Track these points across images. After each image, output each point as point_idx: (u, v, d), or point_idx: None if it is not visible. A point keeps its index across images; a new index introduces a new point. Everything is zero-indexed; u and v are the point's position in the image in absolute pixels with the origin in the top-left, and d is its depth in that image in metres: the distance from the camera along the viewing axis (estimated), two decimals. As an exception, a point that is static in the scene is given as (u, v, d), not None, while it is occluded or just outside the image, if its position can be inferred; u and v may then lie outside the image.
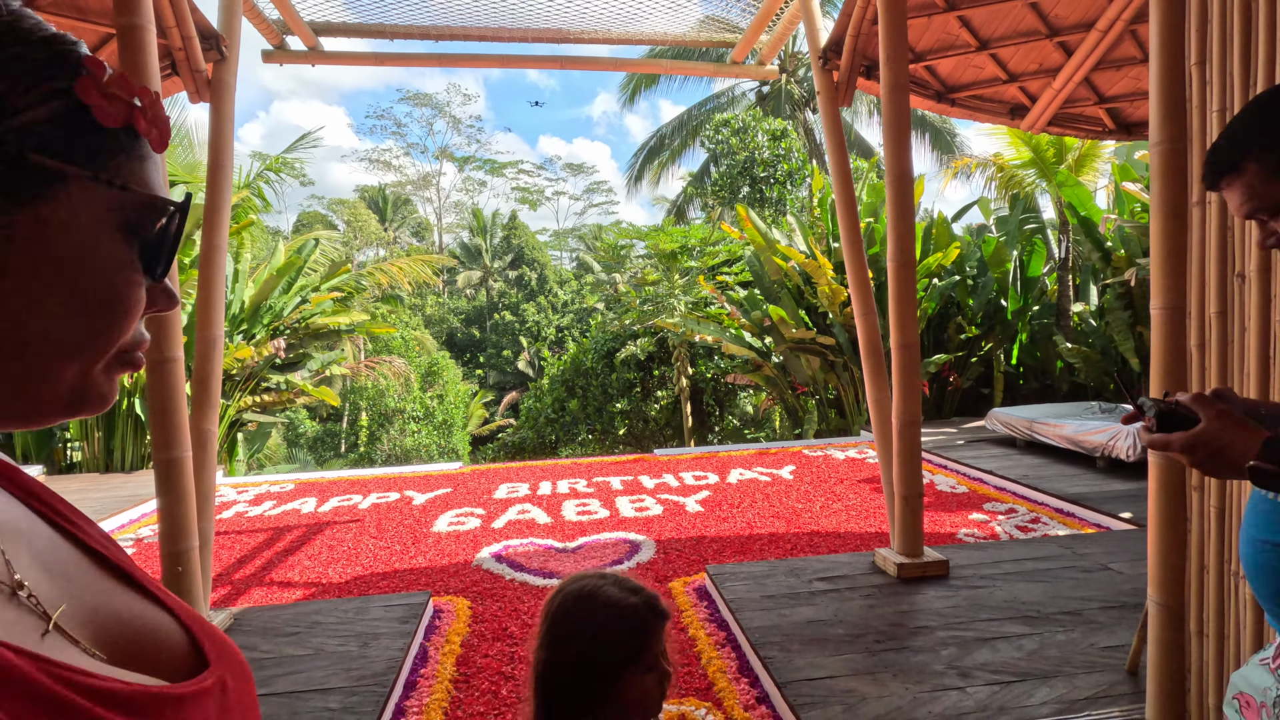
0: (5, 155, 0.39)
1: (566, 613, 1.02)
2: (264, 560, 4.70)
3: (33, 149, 0.40)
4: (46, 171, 0.40)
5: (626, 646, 0.99)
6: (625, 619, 0.99)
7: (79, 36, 2.05)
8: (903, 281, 3.65)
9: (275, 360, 8.01)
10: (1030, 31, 4.30)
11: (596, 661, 0.98)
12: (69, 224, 0.41)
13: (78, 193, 0.42)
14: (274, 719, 2.57)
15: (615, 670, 0.98)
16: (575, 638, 1.00)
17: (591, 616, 1.00)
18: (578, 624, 1.00)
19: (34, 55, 0.41)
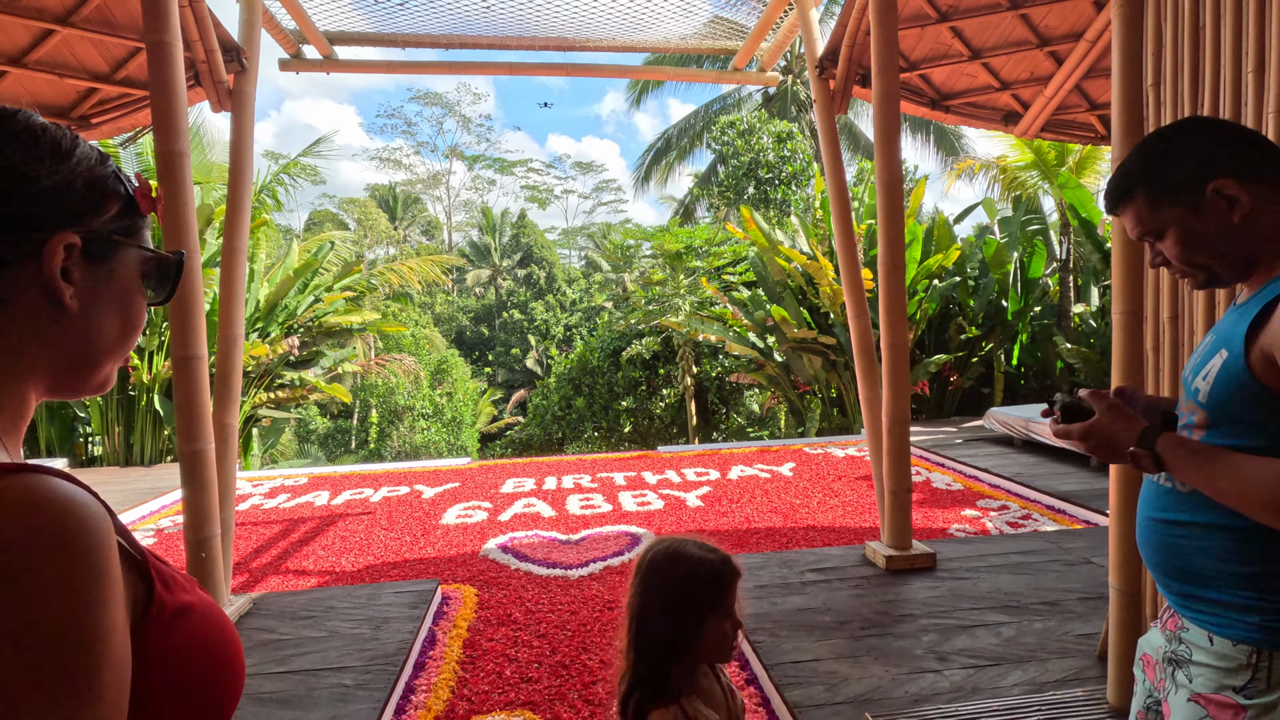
0: (101, 237, 0.63)
1: (656, 567, 1.17)
2: (280, 550, 4.90)
3: (111, 233, 0.64)
4: (117, 244, 0.64)
5: (707, 595, 1.14)
6: (705, 572, 1.15)
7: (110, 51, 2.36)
8: (892, 284, 3.78)
9: (289, 358, 8.23)
10: (1021, 41, 4.43)
11: (683, 608, 1.13)
12: (122, 274, 0.65)
13: (127, 254, 0.66)
14: (292, 695, 2.75)
15: (699, 616, 1.13)
16: (664, 588, 1.15)
17: (676, 570, 1.16)
18: (665, 577, 1.16)
19: (107, 175, 0.64)
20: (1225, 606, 0.97)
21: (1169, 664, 1.07)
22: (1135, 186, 1.05)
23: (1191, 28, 1.97)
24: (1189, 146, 1.02)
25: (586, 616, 3.56)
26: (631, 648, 1.16)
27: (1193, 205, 1.01)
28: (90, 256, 0.62)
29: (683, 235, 11.72)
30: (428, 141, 41.88)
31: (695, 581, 1.14)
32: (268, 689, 2.79)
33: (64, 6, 3.66)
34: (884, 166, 3.75)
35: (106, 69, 4.06)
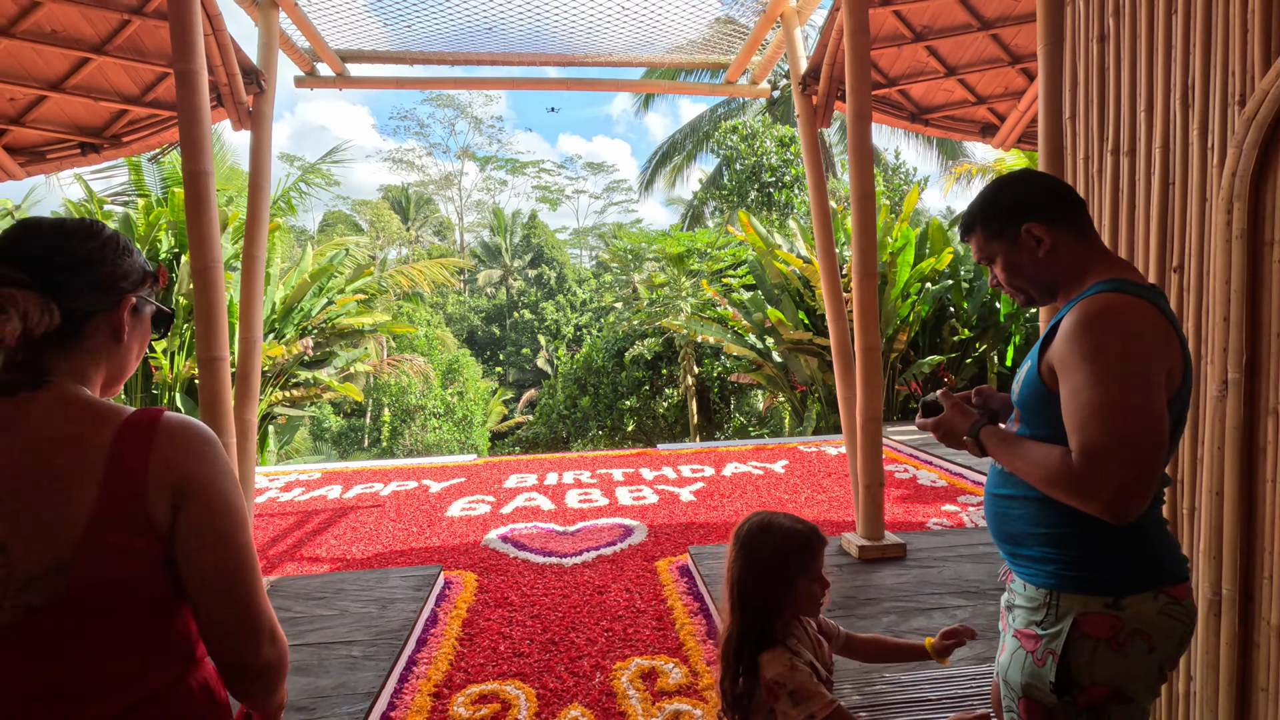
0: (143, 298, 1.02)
1: (754, 536, 1.36)
2: (295, 539, 5.22)
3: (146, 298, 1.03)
4: (148, 303, 1.04)
5: (798, 560, 1.33)
6: (796, 539, 1.34)
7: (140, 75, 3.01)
8: (865, 291, 4.03)
9: (304, 358, 8.57)
10: (994, 59, 4.65)
11: (777, 573, 1.32)
12: (146, 321, 1.04)
13: (148, 308, 1.04)
14: (306, 664, 3.05)
15: (791, 577, 1.32)
16: (760, 555, 1.34)
17: (771, 538, 1.34)
18: (761, 544, 1.35)
19: (145, 262, 1.03)
20: (1032, 560, 1.23)
21: (1007, 610, 1.33)
22: (975, 223, 1.31)
23: (1099, 69, 2.21)
24: (1013, 195, 1.28)
25: (577, 599, 3.84)
26: (735, 609, 1.35)
27: (1013, 241, 1.27)
28: (135, 311, 1.00)
29: (684, 239, 11.97)
30: (440, 143, 42.33)
31: (787, 550, 1.33)
32: (284, 659, 3.09)
33: (99, 36, 3.99)
34: (857, 181, 4.00)
35: (137, 92, 4.38)
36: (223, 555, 0.87)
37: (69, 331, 0.90)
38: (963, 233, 1.35)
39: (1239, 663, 1.84)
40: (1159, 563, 1.17)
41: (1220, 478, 1.84)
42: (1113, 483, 1.03)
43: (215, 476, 0.88)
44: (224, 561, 0.87)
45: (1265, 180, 1.73)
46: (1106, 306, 1.11)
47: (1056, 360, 1.14)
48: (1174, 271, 1.99)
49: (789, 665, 1.27)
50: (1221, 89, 1.82)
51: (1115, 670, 1.13)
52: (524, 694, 2.89)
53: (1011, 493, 1.26)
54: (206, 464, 0.88)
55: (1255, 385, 1.78)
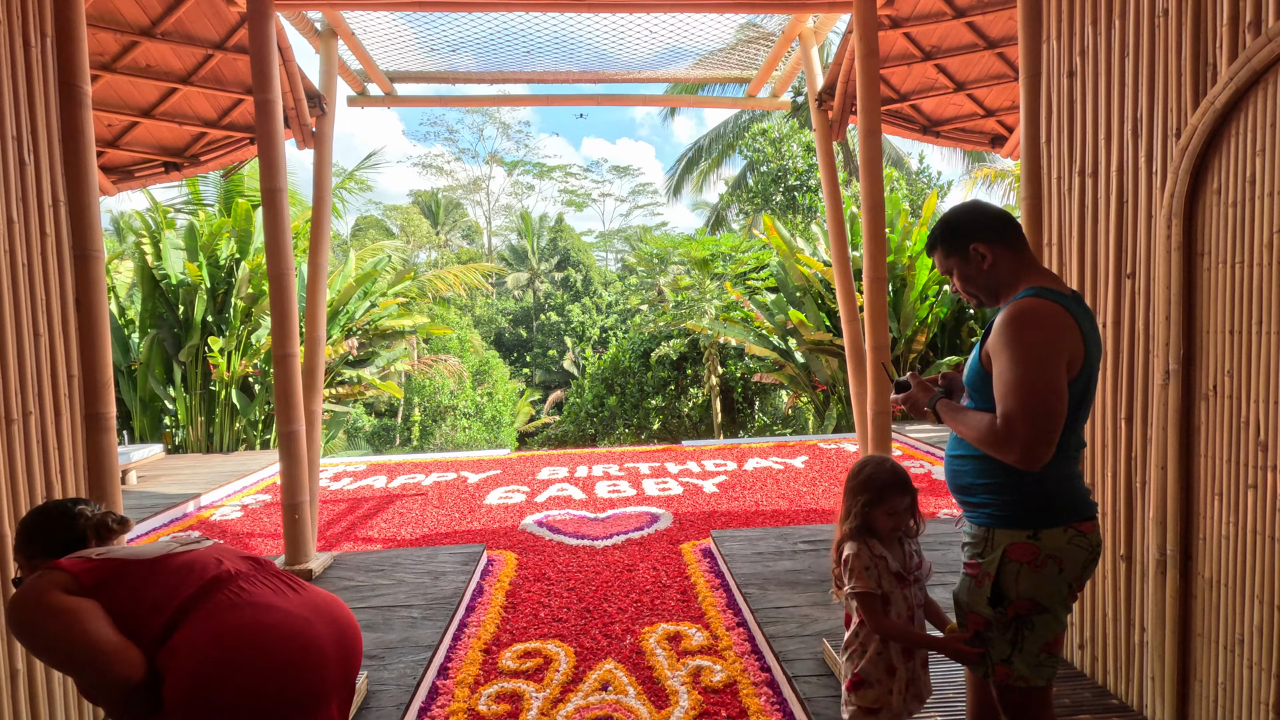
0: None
1: (854, 468, 1.84)
2: (349, 522, 5.68)
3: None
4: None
5: (873, 493, 1.75)
6: (877, 477, 1.77)
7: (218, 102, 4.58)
8: (875, 294, 4.35)
9: (348, 358, 9.10)
10: (1000, 75, 4.93)
11: (856, 496, 1.78)
12: None
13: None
14: (373, 621, 3.47)
15: (868, 504, 1.76)
16: (854, 480, 1.81)
17: (861, 472, 1.81)
18: (855, 474, 1.82)
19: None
20: (976, 505, 1.57)
21: (961, 550, 1.67)
22: (936, 243, 1.66)
23: (1068, 101, 2.53)
24: (965, 220, 1.62)
25: (609, 576, 4.22)
26: (843, 520, 1.82)
27: (964, 257, 1.62)
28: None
29: (709, 243, 12.31)
30: (468, 148, 43.11)
31: (869, 481, 1.78)
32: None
33: (186, 69, 4.48)
34: (868, 191, 4.32)
35: (215, 116, 4.88)
36: None
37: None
38: (927, 250, 1.69)
39: (1181, 613, 2.15)
40: (1069, 505, 1.50)
41: (1164, 454, 2.15)
42: (1022, 439, 1.38)
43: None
44: None
45: (1197, 200, 2.04)
46: (1026, 308, 1.46)
47: (990, 348, 1.49)
48: (1128, 278, 2.30)
49: (855, 552, 1.76)
50: (1163, 122, 2.13)
51: (1033, 586, 1.48)
52: (564, 651, 3.28)
53: (962, 453, 1.60)
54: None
55: (1192, 374, 2.09)
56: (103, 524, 1.46)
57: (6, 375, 2.20)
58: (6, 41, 2.25)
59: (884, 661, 1.77)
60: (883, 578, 1.73)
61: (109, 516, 1.48)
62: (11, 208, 2.25)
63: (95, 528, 1.45)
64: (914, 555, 1.84)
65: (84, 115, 2.53)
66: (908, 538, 1.84)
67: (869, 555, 1.75)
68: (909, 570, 1.81)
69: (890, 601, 1.74)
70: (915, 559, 1.84)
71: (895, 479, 1.77)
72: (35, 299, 2.33)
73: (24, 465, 2.26)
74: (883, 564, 1.75)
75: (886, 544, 1.80)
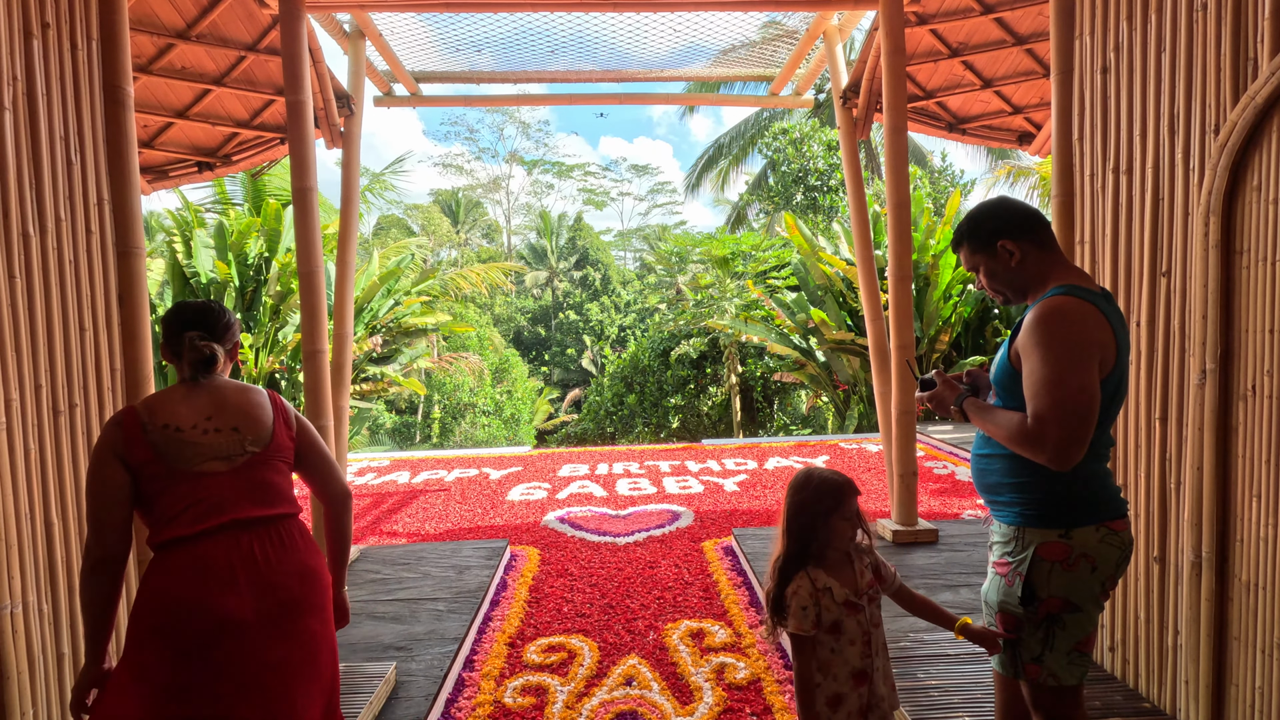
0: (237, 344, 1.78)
1: (799, 480, 1.73)
2: (374, 516, 5.76)
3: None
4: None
5: (831, 500, 1.66)
6: (829, 485, 1.69)
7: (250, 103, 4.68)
8: (900, 293, 4.32)
9: (372, 355, 9.22)
10: (1028, 71, 4.87)
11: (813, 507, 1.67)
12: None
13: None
14: (400, 614, 3.52)
15: (825, 515, 1.66)
16: (803, 492, 1.70)
17: (809, 482, 1.71)
18: (802, 486, 1.71)
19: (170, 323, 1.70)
20: (1005, 504, 1.56)
21: (989, 549, 1.66)
22: (962, 239, 1.65)
23: (1102, 98, 2.50)
24: (992, 216, 1.61)
25: (631, 573, 4.24)
26: (783, 536, 1.73)
27: (991, 253, 1.61)
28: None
29: (729, 241, 12.29)
30: (489, 147, 43.38)
31: (822, 491, 1.69)
32: (380, 611, 3.58)
33: (219, 70, 4.58)
34: (893, 189, 4.30)
35: (246, 117, 4.98)
36: (323, 448, 1.76)
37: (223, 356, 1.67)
38: (954, 246, 1.69)
39: (1216, 617, 2.12)
40: (1100, 504, 1.49)
41: (1200, 455, 2.12)
42: (1054, 438, 1.37)
43: (314, 431, 1.77)
44: (319, 447, 1.74)
45: (1236, 198, 2.01)
46: (1056, 307, 1.45)
47: (1020, 347, 1.48)
48: (1163, 276, 2.27)
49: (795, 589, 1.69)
50: (1200, 118, 2.10)
51: (1066, 585, 1.47)
52: (587, 646, 3.30)
53: (989, 452, 1.60)
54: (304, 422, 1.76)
55: (1229, 374, 2.06)
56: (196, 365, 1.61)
57: (54, 369, 2.27)
58: (55, 45, 2.32)
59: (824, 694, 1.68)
60: (824, 613, 1.66)
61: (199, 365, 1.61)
62: (59, 206, 2.32)
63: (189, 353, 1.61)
64: (865, 572, 1.73)
65: (127, 116, 2.59)
66: (859, 552, 1.75)
67: (810, 590, 1.67)
68: (860, 593, 1.71)
69: (842, 630, 1.67)
70: (867, 575, 1.74)
71: (847, 481, 1.71)
72: (81, 295, 2.40)
73: (70, 456, 2.33)
74: (827, 597, 1.67)
75: (833, 568, 1.70)
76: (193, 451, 1.50)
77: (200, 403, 1.56)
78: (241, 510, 1.50)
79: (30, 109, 2.21)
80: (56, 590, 2.24)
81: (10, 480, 2.05)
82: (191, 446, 1.50)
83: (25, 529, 2.10)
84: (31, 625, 2.11)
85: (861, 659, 1.67)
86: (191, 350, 1.59)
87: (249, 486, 1.53)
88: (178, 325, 1.64)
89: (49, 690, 2.19)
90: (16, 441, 2.09)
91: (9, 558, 2.02)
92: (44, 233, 2.25)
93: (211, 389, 1.60)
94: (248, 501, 1.51)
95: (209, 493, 1.48)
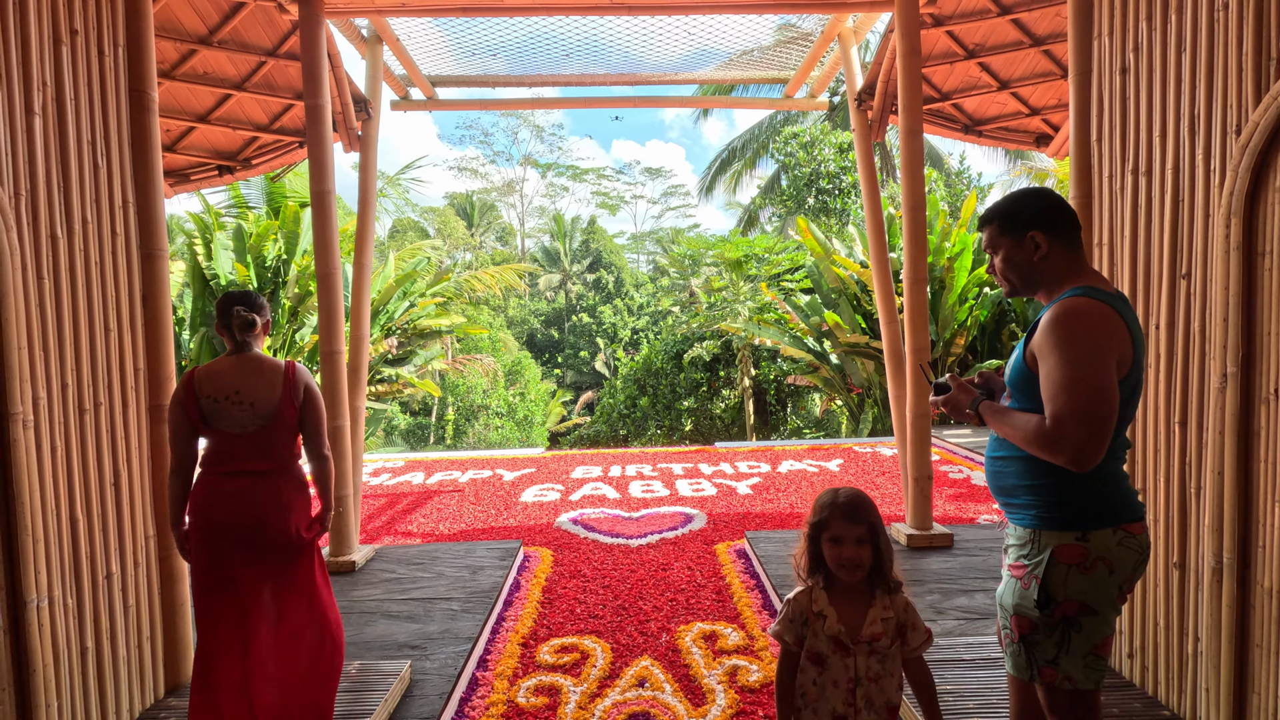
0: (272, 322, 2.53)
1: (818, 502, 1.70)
2: (389, 517, 5.81)
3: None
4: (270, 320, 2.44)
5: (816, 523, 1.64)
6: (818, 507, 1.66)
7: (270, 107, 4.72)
8: (915, 296, 4.30)
9: (388, 356, 9.29)
10: (1046, 73, 4.84)
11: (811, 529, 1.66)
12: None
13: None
14: (415, 613, 3.55)
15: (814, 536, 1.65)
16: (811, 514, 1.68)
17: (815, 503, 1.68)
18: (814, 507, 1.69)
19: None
20: (1020, 507, 1.55)
21: (1005, 552, 1.65)
22: (993, 218, 1.64)
23: (1121, 98, 2.48)
24: (1026, 205, 1.60)
25: (644, 574, 4.24)
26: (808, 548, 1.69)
27: (1018, 241, 1.60)
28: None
29: (743, 244, 12.26)
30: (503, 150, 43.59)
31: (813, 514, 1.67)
32: (395, 610, 3.61)
33: (240, 75, 4.65)
34: (909, 192, 4.28)
35: (266, 121, 5.05)
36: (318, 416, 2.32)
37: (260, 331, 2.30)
38: (981, 222, 1.68)
39: (1238, 623, 2.09)
40: (1117, 506, 1.48)
41: (1221, 459, 2.10)
42: (1074, 440, 1.36)
43: (315, 388, 2.28)
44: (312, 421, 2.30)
45: (1258, 199, 1.99)
46: (1074, 308, 1.44)
47: (1036, 348, 1.47)
48: (1183, 278, 2.25)
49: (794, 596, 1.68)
50: (1221, 119, 2.08)
51: (1083, 587, 1.45)
52: (600, 647, 3.31)
53: (1005, 454, 1.59)
54: (312, 382, 2.29)
55: (1251, 378, 2.03)
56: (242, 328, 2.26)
57: (80, 368, 2.31)
58: (83, 51, 2.38)
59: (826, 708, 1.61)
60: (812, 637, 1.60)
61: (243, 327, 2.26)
62: (86, 209, 2.37)
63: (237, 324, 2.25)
64: (878, 622, 1.60)
65: (151, 121, 2.65)
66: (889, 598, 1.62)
67: (804, 608, 1.63)
68: (856, 639, 1.59)
69: (825, 665, 1.59)
70: (878, 626, 1.59)
71: (847, 503, 1.62)
72: (106, 296, 2.45)
73: (94, 453, 2.37)
74: (819, 623, 1.60)
75: (841, 597, 1.62)
76: (222, 417, 2.19)
77: (233, 376, 2.21)
78: (248, 464, 2.20)
79: (59, 114, 2.26)
80: (81, 585, 2.28)
81: (37, 477, 2.10)
82: (223, 414, 2.19)
83: (51, 525, 2.15)
84: (57, 619, 2.16)
85: (844, 705, 1.59)
86: (237, 318, 2.24)
87: (255, 447, 2.21)
88: (228, 303, 2.26)
89: (73, 683, 2.23)
90: (44, 439, 2.13)
91: (35, 553, 2.07)
92: (71, 235, 2.30)
93: (245, 361, 2.24)
94: (252, 458, 2.21)
95: (230, 448, 2.20)
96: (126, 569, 2.50)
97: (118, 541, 2.46)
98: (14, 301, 2.01)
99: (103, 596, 2.37)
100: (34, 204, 2.15)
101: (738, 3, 4.42)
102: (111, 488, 2.44)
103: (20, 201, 2.10)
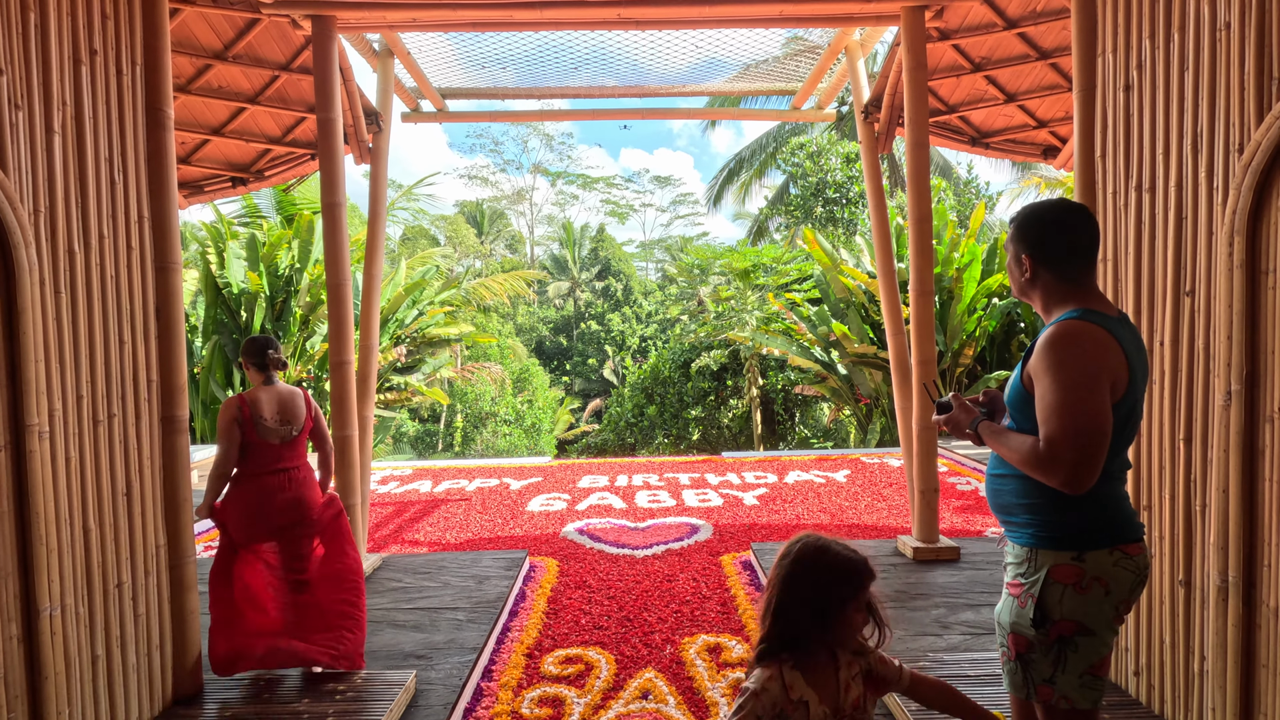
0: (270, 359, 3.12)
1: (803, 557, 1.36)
2: (396, 525, 5.84)
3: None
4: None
5: (849, 586, 1.34)
6: (848, 566, 1.35)
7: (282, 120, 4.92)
8: (922, 308, 4.30)
9: (397, 364, 9.36)
10: (1053, 85, 4.84)
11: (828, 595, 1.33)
12: None
13: None
14: (421, 623, 3.57)
15: (840, 603, 1.34)
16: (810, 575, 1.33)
17: (823, 560, 1.35)
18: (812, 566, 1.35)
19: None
20: (1019, 525, 1.56)
21: (1003, 570, 1.65)
22: (1010, 224, 1.66)
23: (1124, 115, 2.49)
24: (1030, 226, 1.60)
25: (649, 586, 4.25)
26: (767, 615, 1.37)
27: (1014, 256, 1.62)
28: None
29: (750, 254, 12.29)
30: (513, 159, 43.88)
31: (840, 574, 1.34)
32: (401, 619, 3.63)
33: (254, 89, 4.73)
34: (915, 204, 4.29)
35: (279, 133, 5.12)
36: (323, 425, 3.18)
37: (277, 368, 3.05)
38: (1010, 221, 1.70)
39: (1244, 642, 2.08)
40: (1114, 527, 1.48)
41: (1226, 477, 2.09)
42: (1067, 463, 1.37)
43: (318, 406, 3.16)
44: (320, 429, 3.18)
45: (1261, 218, 1.99)
46: (1068, 331, 1.45)
47: (1032, 370, 1.48)
48: (1186, 295, 2.25)
49: (760, 689, 1.36)
50: (1224, 137, 2.09)
51: (1078, 607, 1.46)
52: (604, 658, 3.32)
53: (1004, 472, 1.60)
54: (319, 409, 3.16)
55: (1255, 395, 2.03)
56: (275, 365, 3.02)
57: (95, 380, 2.36)
58: (102, 70, 2.44)
59: None
60: None
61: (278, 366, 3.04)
62: (103, 224, 2.42)
63: (271, 364, 3.00)
64: (852, 686, 1.39)
65: (167, 137, 2.70)
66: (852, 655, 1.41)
67: (777, 699, 1.33)
68: (841, 712, 1.38)
69: None
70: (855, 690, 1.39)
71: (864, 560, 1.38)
72: (121, 309, 2.50)
73: (108, 463, 2.41)
74: (800, 713, 1.34)
75: (814, 673, 1.36)
76: (269, 432, 2.94)
77: (273, 403, 2.98)
78: (285, 464, 2.99)
79: (78, 132, 2.31)
80: (93, 594, 2.32)
81: (51, 488, 2.14)
82: (270, 430, 2.94)
83: (65, 534, 2.19)
84: (69, 627, 2.19)
85: None
86: (274, 361, 3.02)
87: (290, 451, 3.01)
88: (262, 347, 3.00)
89: (84, 690, 2.26)
90: (59, 449, 2.18)
91: (49, 562, 2.10)
92: (88, 249, 2.35)
93: (278, 392, 3.01)
94: (288, 459, 3.00)
95: (273, 454, 2.96)
96: (137, 578, 2.54)
97: (129, 551, 2.50)
98: (32, 316, 2.06)
99: (114, 605, 2.41)
100: (53, 220, 2.20)
101: (745, 17, 4.46)
102: (124, 498, 2.48)
103: (40, 218, 2.15)
